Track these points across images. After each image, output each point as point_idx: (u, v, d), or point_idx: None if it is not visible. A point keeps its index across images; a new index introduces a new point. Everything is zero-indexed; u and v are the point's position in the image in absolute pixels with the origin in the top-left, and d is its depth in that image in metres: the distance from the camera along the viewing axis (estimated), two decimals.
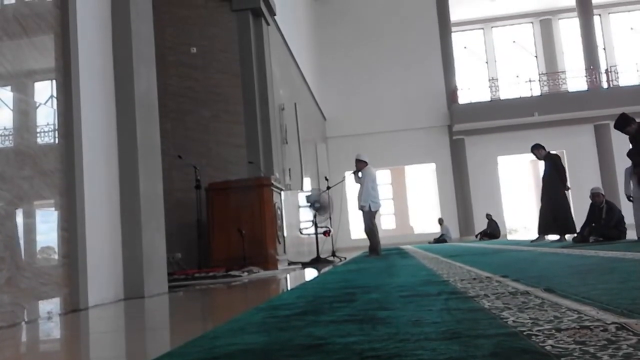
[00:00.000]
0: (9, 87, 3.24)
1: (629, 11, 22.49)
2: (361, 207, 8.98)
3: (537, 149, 9.52)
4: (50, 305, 3.37)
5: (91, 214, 3.78)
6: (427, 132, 19.84)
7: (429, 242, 17.07)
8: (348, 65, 20.16)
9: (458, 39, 21.95)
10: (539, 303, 2.12)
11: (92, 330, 2.89)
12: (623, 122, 7.25)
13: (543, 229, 9.43)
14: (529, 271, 3.82)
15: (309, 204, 9.15)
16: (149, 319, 3.24)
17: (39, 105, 3.51)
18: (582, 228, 8.35)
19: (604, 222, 8.15)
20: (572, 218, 9.21)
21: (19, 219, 3.15)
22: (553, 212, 9.15)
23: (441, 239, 17.08)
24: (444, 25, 20.31)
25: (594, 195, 8.44)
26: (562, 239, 9.08)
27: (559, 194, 9.21)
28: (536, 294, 2.41)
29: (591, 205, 8.52)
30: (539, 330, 1.56)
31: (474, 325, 1.74)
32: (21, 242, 3.14)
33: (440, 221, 18.01)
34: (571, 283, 2.82)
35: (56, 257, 3.49)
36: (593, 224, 8.25)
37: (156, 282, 4.43)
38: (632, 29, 22.38)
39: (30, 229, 3.26)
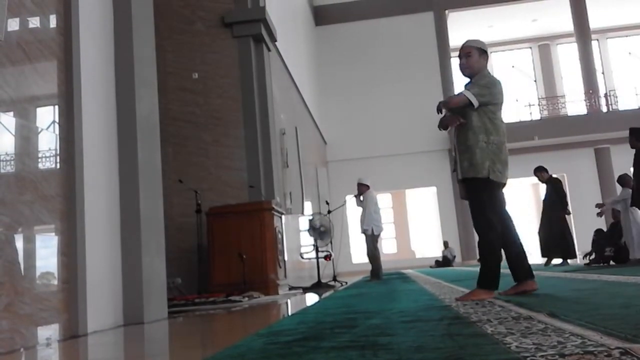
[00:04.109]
0: (11, 113, 3.25)
1: (626, 36, 22.74)
2: (364, 231, 8.96)
3: (539, 172, 9.54)
4: (49, 332, 3.34)
5: (91, 239, 3.77)
6: (427, 155, 19.85)
7: (431, 267, 16.96)
8: (349, 89, 20.27)
9: (457, 63, 22.11)
10: (542, 328, 2.10)
11: (91, 358, 2.86)
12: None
13: (545, 252, 9.40)
14: (532, 295, 3.79)
15: (313, 229, 8.96)
16: (148, 346, 3.21)
17: (40, 131, 3.53)
18: (601, 249, 8.41)
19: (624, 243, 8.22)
20: (572, 242, 9.20)
21: (19, 244, 3.14)
22: (553, 236, 9.13)
23: (445, 262, 16.93)
24: (444, 50, 20.47)
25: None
26: (564, 262, 9.04)
27: (559, 218, 9.20)
28: (539, 318, 2.39)
29: (612, 224, 8.64)
30: (542, 356, 1.54)
31: (477, 351, 1.72)
32: (21, 267, 3.12)
33: (446, 244, 17.89)
34: (574, 308, 2.80)
35: (56, 282, 3.47)
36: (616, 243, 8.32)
37: (156, 307, 4.39)
38: (630, 53, 22.60)
39: (30, 254, 3.25)
